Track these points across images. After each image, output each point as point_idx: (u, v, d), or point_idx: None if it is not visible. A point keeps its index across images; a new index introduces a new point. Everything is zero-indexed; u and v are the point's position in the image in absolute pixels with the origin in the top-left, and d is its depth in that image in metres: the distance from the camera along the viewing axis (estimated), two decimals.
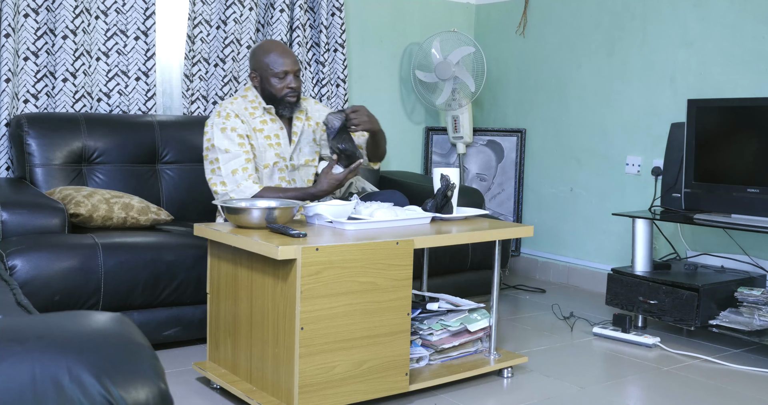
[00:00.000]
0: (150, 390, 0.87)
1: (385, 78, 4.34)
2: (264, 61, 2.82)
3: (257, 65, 2.84)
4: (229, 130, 2.73)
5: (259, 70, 2.84)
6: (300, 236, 2.11)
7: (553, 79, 4.19)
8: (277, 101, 2.84)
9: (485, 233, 2.45)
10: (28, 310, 1.40)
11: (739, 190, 3.02)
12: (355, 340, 2.13)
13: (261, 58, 2.83)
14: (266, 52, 2.83)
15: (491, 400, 2.40)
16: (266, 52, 2.84)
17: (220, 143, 2.72)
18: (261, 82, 2.84)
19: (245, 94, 2.86)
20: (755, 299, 2.93)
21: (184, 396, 2.35)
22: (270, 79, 2.82)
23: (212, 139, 2.73)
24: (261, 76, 2.84)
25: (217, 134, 2.73)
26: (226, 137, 2.72)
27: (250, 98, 2.85)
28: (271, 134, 2.84)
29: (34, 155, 3.03)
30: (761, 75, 3.29)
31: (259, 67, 2.83)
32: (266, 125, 2.83)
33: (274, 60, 2.81)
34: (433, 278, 3.26)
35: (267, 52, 2.84)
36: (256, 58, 2.85)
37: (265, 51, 2.84)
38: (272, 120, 2.85)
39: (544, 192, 4.26)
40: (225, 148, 2.72)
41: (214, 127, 2.74)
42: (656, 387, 2.56)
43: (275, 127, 2.85)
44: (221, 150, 2.72)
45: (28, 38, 3.18)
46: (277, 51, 2.83)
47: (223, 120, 2.74)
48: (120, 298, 2.57)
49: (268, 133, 2.83)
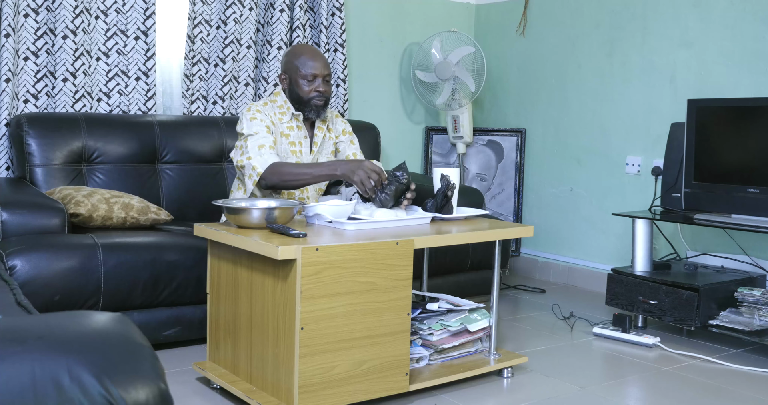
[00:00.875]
0: (150, 390, 0.87)
1: (385, 78, 4.34)
2: (294, 63, 2.79)
3: (287, 67, 2.81)
4: (258, 121, 2.70)
5: (289, 71, 2.81)
6: (300, 236, 2.11)
7: (553, 79, 4.19)
8: (304, 104, 2.79)
9: (485, 233, 2.45)
10: (28, 310, 1.40)
11: (739, 190, 3.02)
12: (355, 340, 2.13)
13: (291, 60, 2.80)
14: (297, 55, 2.81)
15: (491, 400, 2.40)
16: (297, 54, 2.81)
17: (249, 128, 2.68)
18: (290, 83, 2.81)
19: (274, 99, 2.83)
20: (755, 299, 2.93)
21: (184, 396, 2.35)
22: (299, 81, 2.78)
23: (243, 129, 2.69)
24: (290, 78, 2.80)
25: (247, 123, 2.70)
26: (255, 125, 2.69)
27: (279, 103, 2.82)
28: (296, 141, 2.81)
29: (34, 155, 3.03)
30: (761, 75, 3.29)
31: (289, 68, 2.80)
32: (292, 131, 2.80)
33: (304, 62, 2.78)
34: (433, 278, 3.26)
35: (298, 54, 2.81)
36: (287, 59, 2.82)
37: (297, 53, 2.82)
38: (298, 127, 2.82)
39: (544, 192, 4.26)
40: (254, 131, 2.67)
41: (244, 121, 2.70)
42: (656, 387, 2.56)
43: (300, 135, 2.82)
44: (250, 134, 2.67)
45: (28, 38, 3.18)
46: (308, 54, 2.81)
47: (253, 113, 2.72)
48: (120, 298, 2.57)
49: (293, 139, 2.80)
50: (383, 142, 4.21)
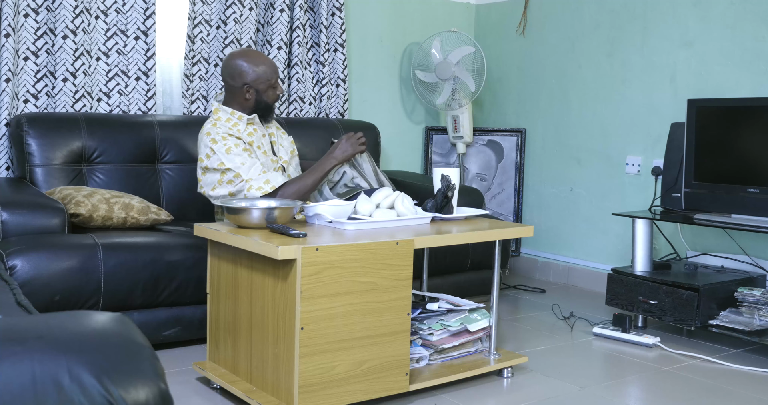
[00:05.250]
0: (150, 390, 0.87)
1: (385, 78, 4.34)
2: (256, 73, 2.84)
3: (249, 79, 2.84)
4: (233, 147, 2.75)
5: (253, 84, 2.85)
6: (300, 236, 2.11)
7: (553, 79, 4.19)
8: (269, 108, 2.92)
9: (485, 233, 2.45)
10: (28, 310, 1.40)
11: (739, 190, 3.02)
12: (355, 340, 2.13)
13: (252, 71, 2.84)
14: (256, 64, 2.85)
15: (491, 400, 2.40)
16: (256, 63, 2.85)
17: (232, 162, 2.72)
18: (257, 95, 2.87)
19: (219, 117, 2.86)
20: (755, 299, 2.93)
21: (184, 396, 2.35)
22: (267, 90, 2.88)
23: (224, 163, 2.72)
24: (257, 90, 2.86)
25: (226, 157, 2.73)
26: (236, 155, 2.74)
27: (226, 118, 2.86)
28: (260, 143, 2.89)
29: (34, 155, 3.03)
30: (761, 75, 3.29)
31: (253, 80, 2.84)
32: (254, 136, 2.88)
33: (267, 71, 2.86)
34: (433, 278, 3.26)
35: (257, 64, 2.85)
36: (246, 70, 2.84)
37: (254, 63, 2.85)
38: (255, 129, 2.90)
39: (544, 192, 4.26)
40: (241, 162, 2.73)
41: (219, 154, 2.74)
42: (656, 387, 2.56)
43: (259, 135, 2.91)
44: (237, 166, 2.72)
45: (28, 38, 3.18)
46: (266, 62, 2.88)
47: (223, 142, 2.75)
48: (120, 298, 2.57)
49: (258, 142, 2.88)
50: (383, 142, 4.22)
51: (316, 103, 3.98)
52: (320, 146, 3.71)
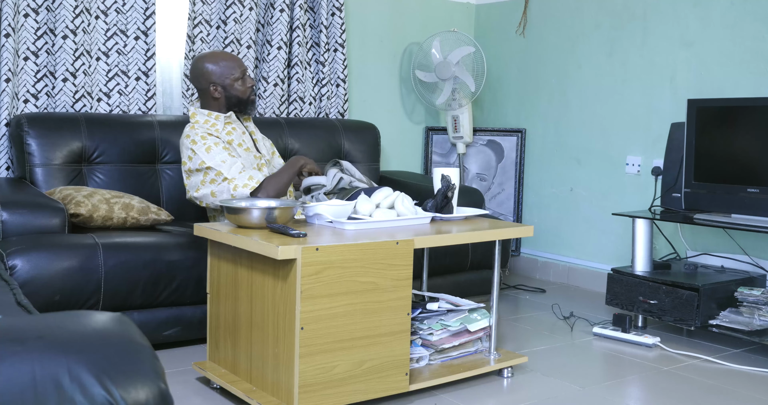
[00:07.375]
0: (150, 390, 0.87)
1: (385, 78, 4.34)
2: (218, 70, 2.88)
3: (214, 78, 2.88)
4: (213, 146, 2.77)
5: (218, 81, 2.89)
6: (300, 236, 2.11)
7: (553, 79, 4.19)
8: (244, 103, 2.94)
9: (485, 233, 2.45)
10: (28, 310, 1.40)
11: (739, 190, 3.02)
12: (355, 340, 2.13)
13: (213, 70, 2.88)
14: (216, 61, 2.90)
15: (491, 400, 2.40)
16: (215, 61, 2.90)
17: (212, 160, 2.74)
18: (224, 91, 2.89)
19: (198, 120, 2.89)
20: (755, 299, 2.93)
21: (184, 396, 2.35)
22: (233, 84, 2.90)
23: (205, 162, 2.74)
24: (223, 86, 2.89)
25: (206, 155, 2.75)
26: (216, 153, 2.76)
27: (203, 120, 2.89)
28: (240, 140, 2.91)
29: (34, 155, 3.03)
30: (761, 75, 3.29)
31: (218, 78, 2.88)
32: (233, 134, 2.91)
33: (227, 65, 2.89)
34: (433, 278, 3.26)
35: (216, 60, 2.90)
36: (208, 70, 2.89)
37: (215, 61, 2.90)
38: (233, 128, 2.93)
39: (544, 192, 4.26)
40: (221, 160, 2.75)
41: (199, 153, 2.76)
42: (656, 387, 2.56)
43: (239, 132, 2.93)
44: (218, 163, 2.74)
45: (28, 38, 3.18)
46: (225, 57, 2.92)
47: (203, 142, 2.78)
48: (120, 298, 2.57)
49: (238, 140, 2.91)
50: (383, 142, 4.22)
51: (316, 103, 3.98)
52: (320, 146, 3.71)
